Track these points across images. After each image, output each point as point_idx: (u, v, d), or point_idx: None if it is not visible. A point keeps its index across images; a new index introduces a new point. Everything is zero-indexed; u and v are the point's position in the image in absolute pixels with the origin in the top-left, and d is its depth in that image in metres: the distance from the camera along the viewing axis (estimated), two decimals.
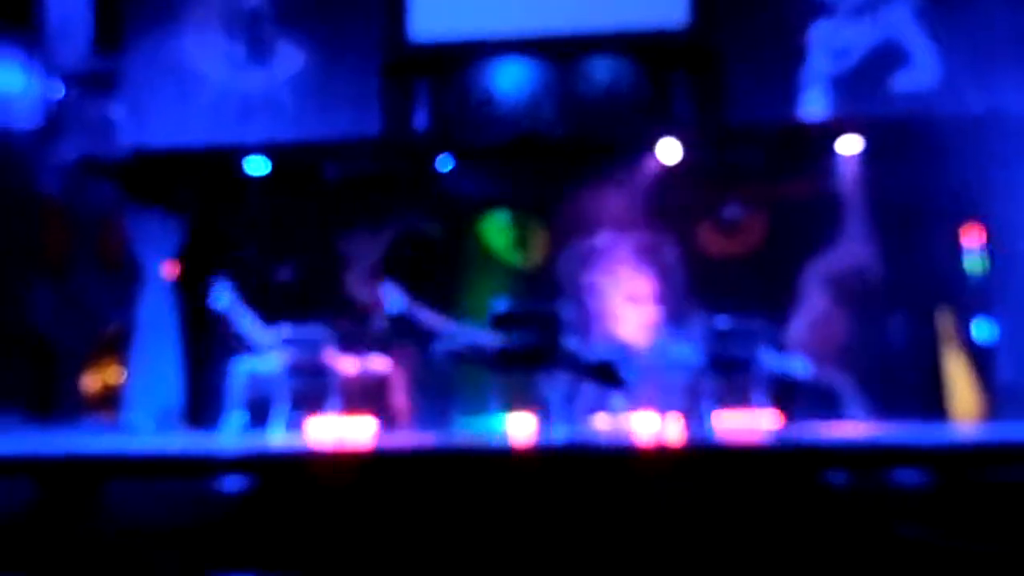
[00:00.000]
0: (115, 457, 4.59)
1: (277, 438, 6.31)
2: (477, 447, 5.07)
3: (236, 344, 6.56)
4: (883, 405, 7.72)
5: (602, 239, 8.57)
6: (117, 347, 8.40)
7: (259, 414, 7.03)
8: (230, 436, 6.62)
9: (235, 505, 4.15)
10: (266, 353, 6.60)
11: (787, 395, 7.23)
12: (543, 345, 5.67)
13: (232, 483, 4.18)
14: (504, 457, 4.66)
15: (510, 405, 6.93)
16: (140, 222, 7.52)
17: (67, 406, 8.19)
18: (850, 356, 7.98)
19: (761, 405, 6.44)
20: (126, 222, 7.50)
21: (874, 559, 3.77)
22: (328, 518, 4.10)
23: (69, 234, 8.20)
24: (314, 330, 6.80)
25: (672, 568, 3.89)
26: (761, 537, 3.94)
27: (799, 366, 6.94)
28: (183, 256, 7.84)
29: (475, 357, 5.60)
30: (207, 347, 8.35)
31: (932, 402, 7.62)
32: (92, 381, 8.69)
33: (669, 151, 7.35)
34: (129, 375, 7.55)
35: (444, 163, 7.41)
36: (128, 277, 8.04)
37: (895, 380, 7.77)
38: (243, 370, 6.83)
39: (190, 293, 8.03)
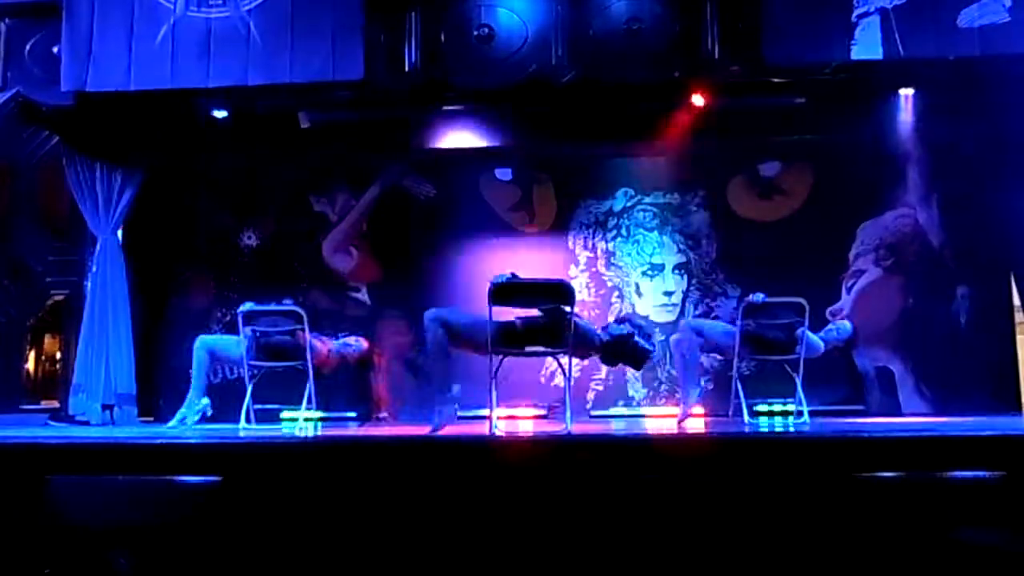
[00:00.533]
0: (60, 447, 4.62)
1: (243, 428, 6.30)
2: (473, 440, 5.07)
3: None
4: (943, 391, 7.70)
5: (619, 200, 8.54)
6: (62, 321, 8.41)
7: (223, 400, 7.07)
8: (190, 426, 6.65)
9: (194, 503, 4.17)
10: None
11: (831, 378, 7.22)
12: (550, 322, 5.64)
13: (192, 479, 4.20)
14: (502, 450, 4.67)
15: (510, 390, 6.93)
16: (86, 177, 7.49)
17: (4, 389, 8.23)
18: (906, 335, 7.97)
19: (800, 389, 6.43)
20: (70, 177, 7.47)
21: (928, 563, 3.80)
22: (298, 517, 4.12)
23: (3, 189, 8.18)
24: (285, 304, 6.77)
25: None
26: (792, 541, 3.95)
27: (845, 347, 6.91)
28: (136, 217, 7.81)
29: (471, 336, 5.57)
30: (165, 322, 8.38)
31: (1001, 389, 7.61)
32: (34, 360, 8.72)
33: (697, 98, 7.29)
34: (77, 353, 7.55)
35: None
36: (74, 240, 8.03)
37: (958, 363, 7.74)
38: (205, 350, 6.83)
39: (144, 259, 8.04)
